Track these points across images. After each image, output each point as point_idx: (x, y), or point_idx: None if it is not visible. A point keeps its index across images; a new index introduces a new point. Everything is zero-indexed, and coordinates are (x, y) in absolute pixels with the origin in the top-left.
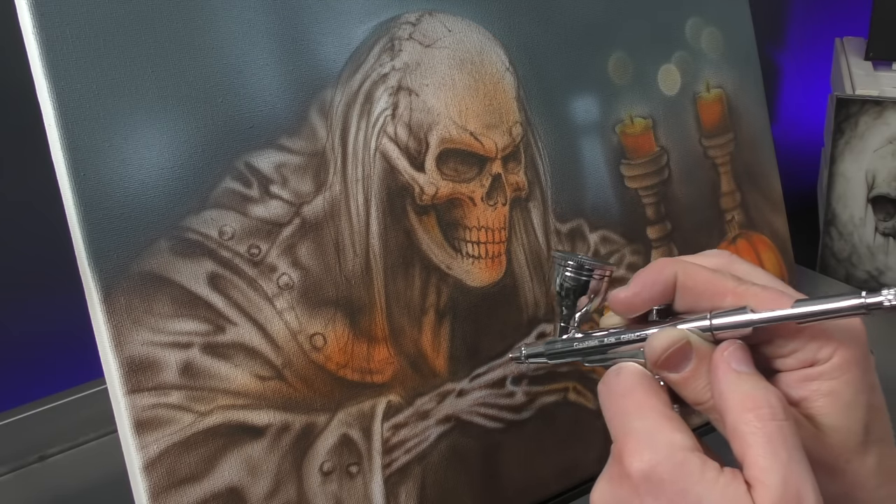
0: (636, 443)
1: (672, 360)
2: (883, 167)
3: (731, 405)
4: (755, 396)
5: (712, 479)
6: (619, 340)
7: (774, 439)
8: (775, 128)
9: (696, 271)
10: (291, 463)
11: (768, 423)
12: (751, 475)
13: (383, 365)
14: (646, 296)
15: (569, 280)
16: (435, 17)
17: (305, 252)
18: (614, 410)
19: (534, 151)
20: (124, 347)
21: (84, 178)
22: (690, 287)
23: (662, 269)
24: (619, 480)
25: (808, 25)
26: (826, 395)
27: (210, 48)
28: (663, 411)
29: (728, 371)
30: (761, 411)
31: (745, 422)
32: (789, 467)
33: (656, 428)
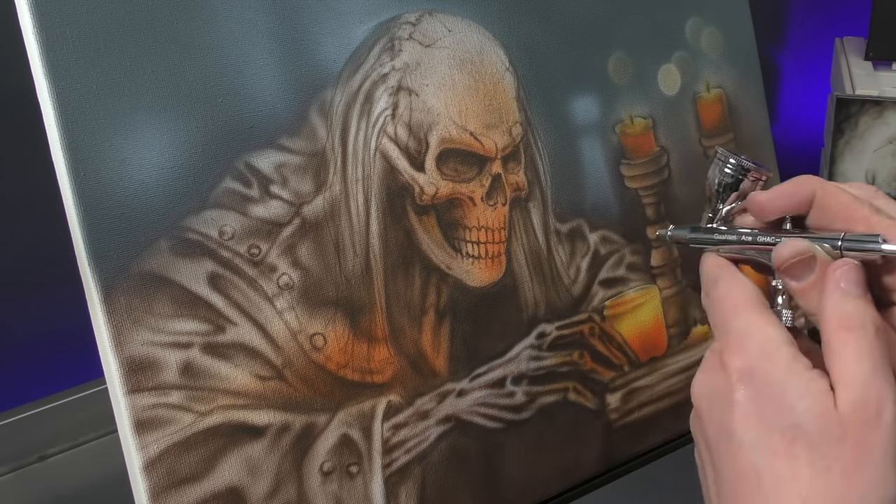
0: (734, 340)
1: (795, 268)
2: (883, 167)
3: (830, 321)
4: (852, 315)
5: (798, 372)
6: (755, 240)
7: (862, 352)
8: (775, 128)
9: (837, 192)
10: (291, 463)
11: (860, 340)
12: (835, 379)
13: (383, 365)
14: (781, 203)
15: (727, 177)
16: (435, 17)
17: (305, 252)
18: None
19: (534, 151)
20: (124, 347)
21: (84, 178)
22: (827, 206)
23: (804, 183)
24: (717, 371)
25: (808, 25)
26: None
27: (210, 48)
28: (758, 310)
29: (835, 289)
30: (856, 331)
31: (839, 338)
32: (873, 376)
33: (751, 324)
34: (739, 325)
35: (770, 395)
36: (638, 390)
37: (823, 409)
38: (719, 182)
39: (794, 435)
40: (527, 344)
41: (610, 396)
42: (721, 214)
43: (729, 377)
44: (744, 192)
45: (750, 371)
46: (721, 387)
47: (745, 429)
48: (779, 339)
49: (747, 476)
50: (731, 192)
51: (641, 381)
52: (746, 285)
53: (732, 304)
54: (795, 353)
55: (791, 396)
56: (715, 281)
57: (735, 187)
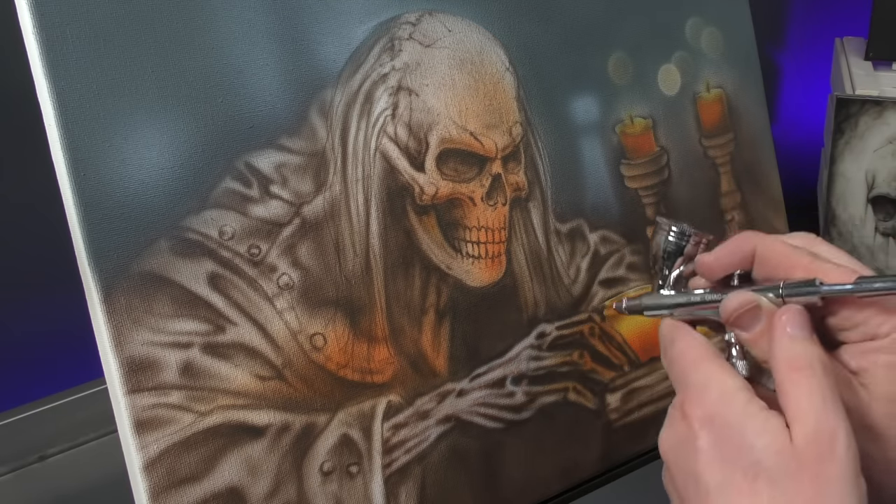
0: (693, 392)
1: (742, 319)
2: (883, 167)
3: (781, 364)
4: (800, 356)
5: (754, 413)
6: (703, 299)
7: (813, 389)
8: (775, 128)
9: (775, 245)
10: (291, 463)
11: (810, 378)
12: (789, 416)
13: (383, 365)
14: (726, 262)
15: (670, 244)
16: (435, 17)
17: (305, 252)
18: (676, 372)
19: (534, 151)
20: (124, 347)
21: (84, 178)
22: (767, 259)
23: (744, 240)
24: (680, 423)
25: (808, 25)
26: (883, 367)
27: (210, 48)
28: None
29: (783, 333)
30: (805, 370)
31: (790, 379)
32: (824, 409)
33: (709, 376)
34: (698, 377)
35: (730, 437)
36: (638, 390)
37: (780, 445)
38: (664, 249)
39: (755, 472)
40: (527, 344)
41: (610, 396)
42: (670, 280)
43: (691, 426)
44: (689, 256)
45: (710, 418)
46: (685, 436)
47: (710, 473)
48: (735, 386)
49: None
50: (676, 257)
51: (641, 381)
52: (700, 341)
53: (690, 360)
54: (751, 396)
55: (750, 436)
56: (672, 341)
57: (680, 252)
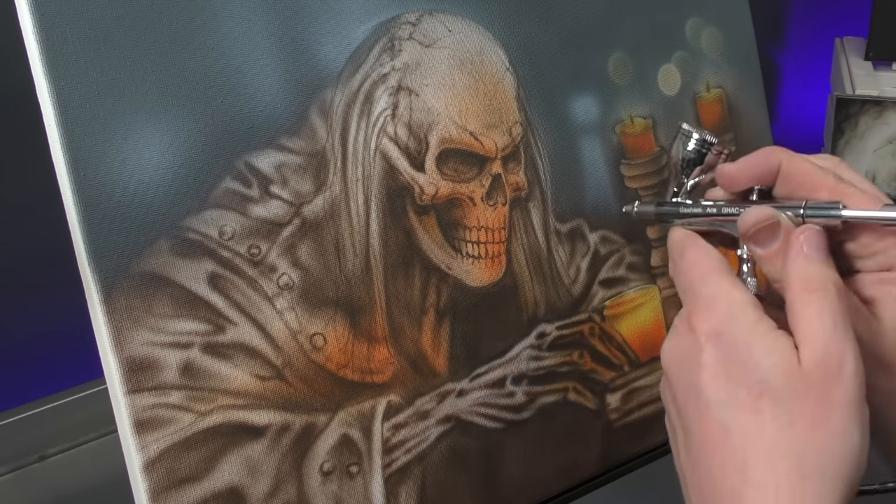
0: (702, 304)
1: (760, 234)
2: (883, 167)
3: (794, 284)
4: (815, 278)
5: (764, 331)
6: (720, 211)
7: (824, 311)
8: (775, 128)
9: (801, 163)
10: (291, 463)
11: (822, 300)
12: (798, 337)
13: (383, 365)
14: (749, 174)
15: (691, 152)
16: (435, 17)
17: (305, 252)
18: (683, 281)
19: (534, 151)
20: (124, 347)
21: (84, 178)
22: (792, 176)
23: (770, 154)
24: (686, 335)
25: (808, 25)
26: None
27: (210, 48)
28: (724, 275)
29: (798, 253)
30: (818, 292)
31: (802, 299)
32: (834, 332)
33: (718, 289)
34: (707, 290)
35: (737, 353)
36: (638, 390)
37: (788, 366)
38: (683, 157)
39: (759, 391)
40: (527, 344)
41: (610, 396)
42: (686, 188)
43: (697, 339)
44: (708, 166)
45: (717, 332)
46: (690, 349)
47: (713, 387)
48: (744, 302)
49: (715, 432)
50: (694, 166)
51: (641, 381)
52: (712, 253)
53: (700, 272)
54: (760, 314)
55: (757, 354)
56: (682, 251)
57: (699, 161)
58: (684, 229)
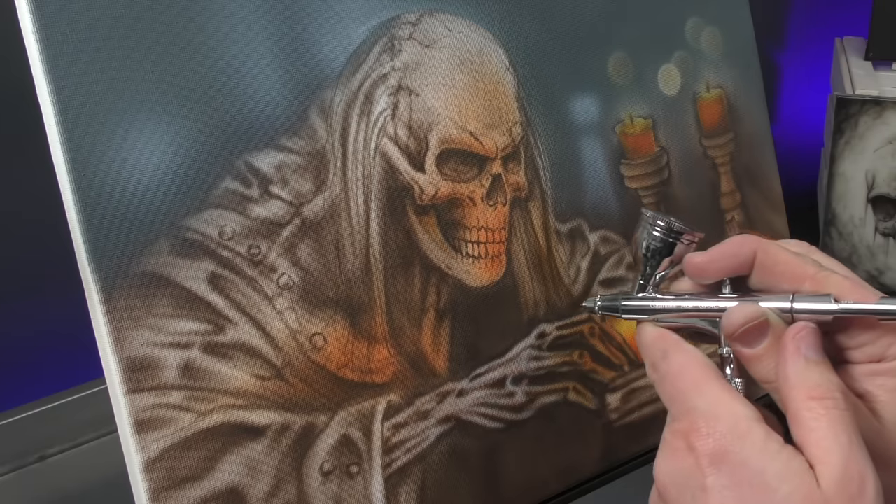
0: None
1: (748, 334)
2: (883, 167)
3: (796, 391)
4: (821, 386)
5: (775, 451)
6: (698, 307)
7: (837, 425)
8: (775, 128)
9: (778, 252)
10: (291, 463)
11: (832, 411)
12: (812, 455)
13: (383, 365)
14: (721, 265)
15: (656, 241)
16: (435, 17)
17: (305, 252)
18: (671, 392)
19: (534, 151)
20: (124, 347)
21: (84, 178)
22: (770, 267)
23: (743, 242)
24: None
25: (808, 25)
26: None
27: (210, 48)
28: (721, 385)
29: (797, 356)
30: (826, 401)
31: (809, 409)
32: (851, 450)
33: (717, 402)
34: (703, 403)
35: (748, 478)
36: (638, 390)
37: (807, 491)
38: (648, 246)
39: None
40: (527, 344)
41: (610, 396)
42: (654, 281)
43: (699, 461)
44: (677, 257)
45: (723, 454)
46: (691, 472)
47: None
48: (749, 416)
49: None
50: (662, 256)
51: (641, 381)
52: (701, 358)
53: (692, 381)
54: (767, 430)
55: (771, 479)
56: (664, 354)
57: (667, 252)
58: (658, 328)
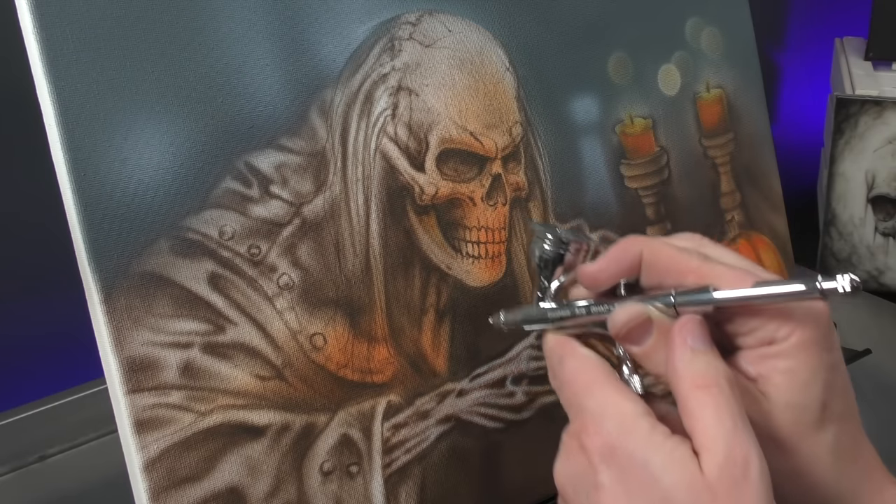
0: (590, 420)
1: (633, 333)
2: (883, 167)
3: (683, 381)
4: (706, 374)
5: (659, 443)
6: (589, 312)
7: (721, 412)
8: (775, 128)
9: (661, 249)
10: (291, 463)
11: (716, 398)
12: (698, 442)
13: (383, 365)
14: (611, 271)
15: (547, 252)
16: (435, 17)
17: (305, 252)
18: (567, 394)
19: (534, 151)
20: (124, 347)
21: (84, 178)
22: (654, 264)
23: (629, 246)
24: (578, 455)
25: (808, 25)
26: (783, 373)
27: (210, 48)
28: (610, 384)
29: (683, 347)
30: (711, 389)
31: (695, 397)
32: (735, 435)
33: (605, 401)
34: (594, 403)
35: (634, 471)
36: None
37: (690, 478)
38: (540, 258)
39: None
40: (527, 344)
41: None
42: (551, 291)
43: (591, 459)
44: (569, 265)
45: (611, 450)
46: (584, 470)
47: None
48: (635, 412)
49: None
50: (554, 266)
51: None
52: (593, 361)
53: (583, 384)
54: (653, 422)
55: (656, 469)
56: (561, 360)
57: (559, 261)
58: (558, 335)
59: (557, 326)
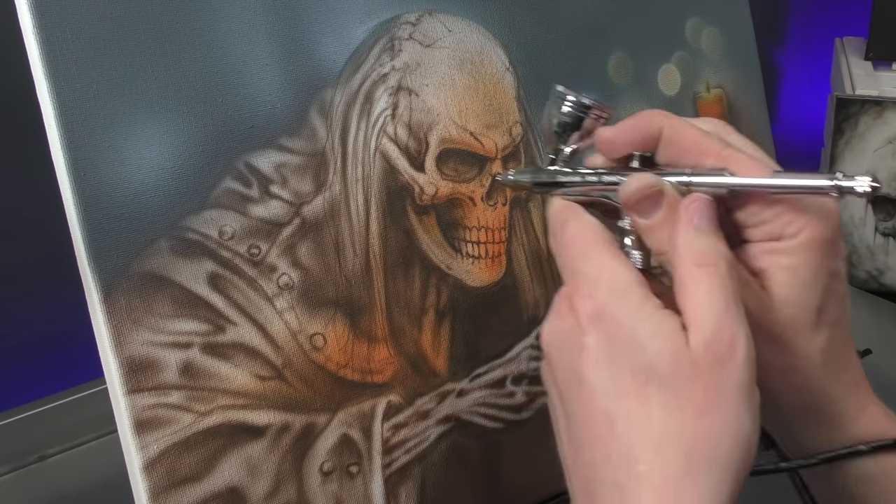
0: (583, 283)
1: (643, 204)
2: (883, 167)
3: (683, 258)
4: (706, 253)
5: (649, 312)
6: (600, 179)
7: (715, 290)
8: (775, 128)
9: (684, 127)
10: (291, 463)
11: (712, 277)
12: (688, 317)
13: (383, 365)
14: (628, 138)
15: (566, 115)
16: (435, 17)
17: (305, 252)
18: (564, 257)
19: (534, 151)
20: (124, 347)
21: (84, 178)
22: (675, 141)
23: (651, 118)
24: (567, 315)
25: (808, 25)
26: (785, 269)
27: (210, 48)
28: (609, 251)
29: (688, 225)
30: (709, 268)
31: (692, 274)
32: (725, 314)
33: (601, 266)
34: (589, 267)
35: (621, 336)
36: None
37: (675, 349)
38: (559, 122)
39: (646, 376)
40: (527, 344)
41: None
42: (564, 155)
43: (579, 321)
44: (586, 131)
45: (600, 313)
46: (571, 331)
47: (596, 373)
48: (629, 280)
49: (600, 420)
50: (572, 131)
51: None
52: (595, 226)
53: (581, 246)
54: (646, 292)
55: (642, 336)
56: (562, 223)
57: (576, 126)
58: (564, 200)
59: (565, 192)
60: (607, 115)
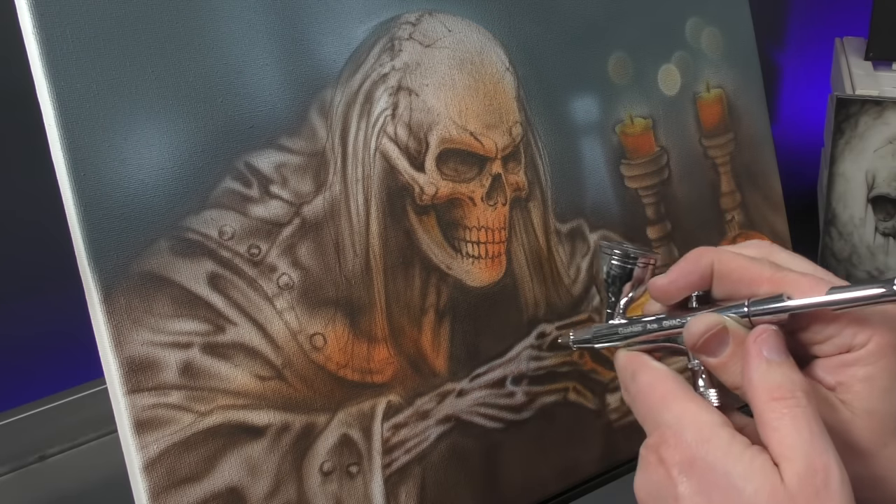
0: (668, 433)
1: (709, 344)
2: (883, 167)
3: (760, 394)
4: (783, 386)
5: (739, 453)
6: (661, 326)
7: (799, 422)
8: (775, 128)
9: (732, 259)
10: (291, 463)
11: (794, 410)
12: (776, 453)
13: (383, 365)
14: (682, 283)
15: (615, 268)
16: (435, 17)
17: (305, 252)
18: (642, 409)
19: (534, 151)
20: (124, 347)
21: (84, 178)
22: (727, 274)
23: (699, 257)
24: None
25: (808, 25)
26: (862, 380)
27: (210, 48)
28: (686, 396)
29: (759, 358)
30: (788, 401)
31: (772, 409)
32: (812, 444)
33: (682, 414)
34: (670, 415)
35: (715, 481)
36: None
37: (772, 488)
38: (609, 275)
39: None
40: (527, 344)
41: (610, 396)
42: (620, 308)
43: (669, 471)
44: (637, 279)
45: (690, 461)
46: (663, 483)
47: None
48: (713, 422)
49: None
50: (623, 283)
51: None
52: (667, 374)
53: (659, 397)
54: (732, 432)
55: (737, 479)
56: (633, 375)
57: (627, 277)
58: (629, 351)
59: (628, 343)
60: (654, 262)
